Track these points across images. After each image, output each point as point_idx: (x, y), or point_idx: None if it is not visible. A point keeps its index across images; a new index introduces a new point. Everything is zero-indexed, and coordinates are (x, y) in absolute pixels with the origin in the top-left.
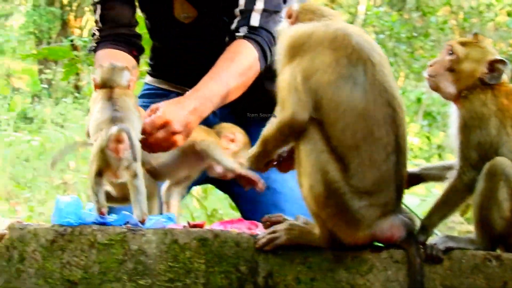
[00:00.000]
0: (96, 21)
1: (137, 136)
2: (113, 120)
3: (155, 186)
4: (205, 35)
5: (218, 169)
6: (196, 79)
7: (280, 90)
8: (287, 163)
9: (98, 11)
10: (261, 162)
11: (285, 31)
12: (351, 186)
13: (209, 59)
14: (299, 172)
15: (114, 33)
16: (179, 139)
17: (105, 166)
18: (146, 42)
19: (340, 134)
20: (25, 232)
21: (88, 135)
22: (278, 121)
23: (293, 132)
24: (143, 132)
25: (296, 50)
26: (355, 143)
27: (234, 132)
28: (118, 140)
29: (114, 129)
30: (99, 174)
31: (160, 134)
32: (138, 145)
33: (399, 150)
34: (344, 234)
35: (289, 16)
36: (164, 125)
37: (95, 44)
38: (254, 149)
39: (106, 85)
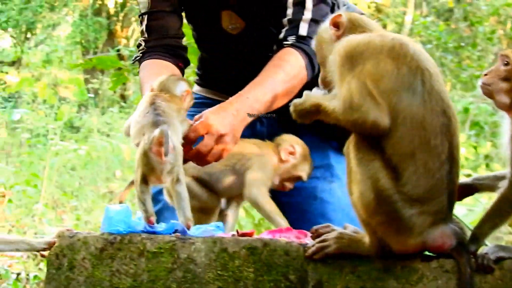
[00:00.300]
0: (142, 32)
1: (179, 141)
2: (155, 124)
3: (217, 203)
4: (252, 46)
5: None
6: (241, 87)
7: (349, 96)
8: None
9: (145, 22)
10: (306, 118)
11: (340, 43)
12: (402, 194)
13: (257, 68)
14: (349, 180)
15: (160, 44)
16: (227, 140)
17: (149, 170)
18: (194, 52)
19: (397, 141)
20: (75, 240)
21: (126, 130)
22: (352, 119)
23: (368, 134)
24: (188, 139)
25: (356, 59)
26: (411, 151)
27: (293, 145)
28: (161, 143)
29: (156, 132)
30: (145, 181)
31: (207, 140)
32: (180, 149)
33: (452, 159)
34: (394, 242)
35: (335, 25)
36: (208, 130)
37: (140, 54)
38: (307, 103)
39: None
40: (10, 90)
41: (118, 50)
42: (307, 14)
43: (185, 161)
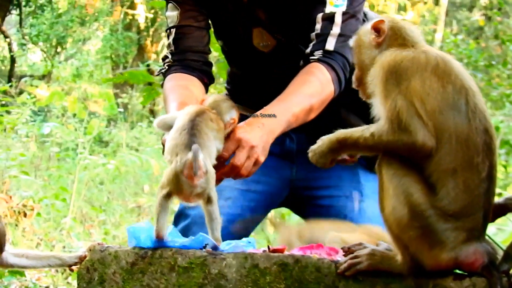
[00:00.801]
0: (169, 45)
1: (212, 163)
2: (189, 147)
3: None
4: (283, 63)
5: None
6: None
7: (396, 115)
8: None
9: (172, 35)
10: (329, 159)
11: (383, 56)
12: (438, 208)
13: (287, 85)
14: (381, 196)
15: (186, 58)
16: (258, 152)
17: (177, 191)
18: (223, 66)
19: (440, 159)
20: (106, 254)
21: (159, 123)
22: (399, 139)
23: (416, 155)
24: (223, 158)
25: (400, 75)
26: (453, 168)
27: None
28: (193, 168)
29: (190, 156)
30: (168, 196)
31: (239, 154)
32: (212, 171)
33: (491, 178)
34: (427, 257)
35: (377, 30)
36: (238, 144)
37: (166, 67)
38: (328, 142)
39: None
40: (40, 104)
41: (148, 65)
42: (336, 29)
43: (218, 180)
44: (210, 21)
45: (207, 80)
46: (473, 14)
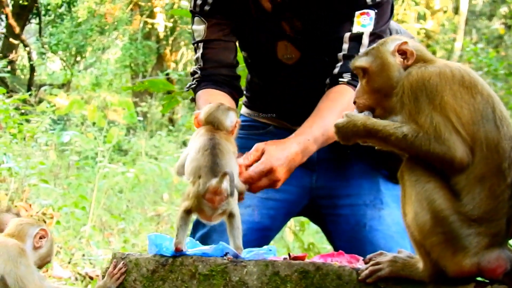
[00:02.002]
0: (196, 59)
1: (235, 183)
2: (213, 169)
3: None
4: (306, 75)
5: None
6: (294, 114)
7: (433, 129)
8: None
9: (200, 50)
10: (351, 141)
11: (409, 75)
12: (461, 214)
13: (309, 96)
14: (403, 202)
15: (215, 73)
16: (280, 176)
17: (198, 211)
18: (243, 75)
19: (471, 167)
20: (127, 261)
21: (179, 170)
22: (436, 152)
23: (450, 168)
24: (250, 180)
25: (431, 91)
26: (482, 175)
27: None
28: (216, 193)
29: (213, 182)
30: (189, 212)
31: (264, 181)
32: (235, 194)
33: None
34: (450, 263)
35: (402, 53)
36: (269, 173)
37: (195, 83)
38: (356, 124)
39: (209, 124)
40: (59, 113)
41: (167, 74)
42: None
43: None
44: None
45: (237, 95)
46: (493, 23)
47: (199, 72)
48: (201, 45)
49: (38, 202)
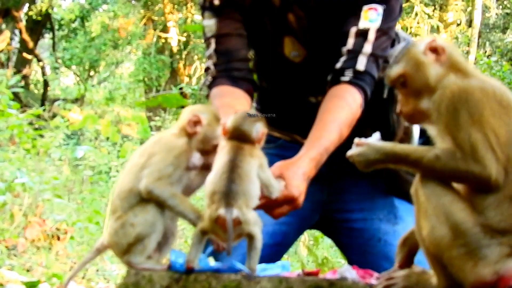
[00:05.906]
0: (210, 56)
1: (253, 206)
2: (227, 196)
3: None
4: (313, 76)
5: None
6: (302, 124)
7: (470, 146)
8: None
9: (213, 45)
10: (372, 167)
11: (449, 84)
12: (484, 226)
13: (317, 102)
14: (417, 217)
15: (230, 67)
16: (299, 203)
17: (213, 232)
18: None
19: (503, 188)
20: (140, 277)
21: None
22: (471, 170)
23: (483, 187)
24: (272, 205)
25: (473, 106)
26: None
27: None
28: (225, 223)
29: (221, 212)
30: (204, 233)
31: (285, 208)
32: (252, 216)
33: None
34: (469, 275)
35: (433, 50)
36: (290, 201)
37: (210, 79)
38: (371, 156)
39: (236, 134)
40: (73, 128)
41: (181, 88)
42: (367, 47)
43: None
44: None
45: (253, 88)
46: (507, 36)
47: (212, 67)
48: (213, 40)
49: (52, 217)
